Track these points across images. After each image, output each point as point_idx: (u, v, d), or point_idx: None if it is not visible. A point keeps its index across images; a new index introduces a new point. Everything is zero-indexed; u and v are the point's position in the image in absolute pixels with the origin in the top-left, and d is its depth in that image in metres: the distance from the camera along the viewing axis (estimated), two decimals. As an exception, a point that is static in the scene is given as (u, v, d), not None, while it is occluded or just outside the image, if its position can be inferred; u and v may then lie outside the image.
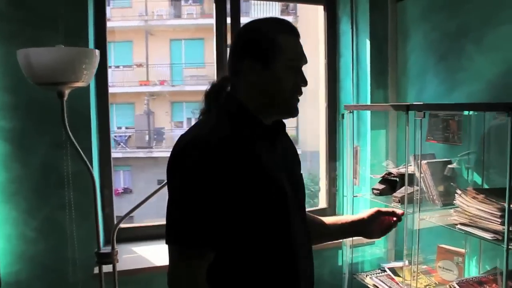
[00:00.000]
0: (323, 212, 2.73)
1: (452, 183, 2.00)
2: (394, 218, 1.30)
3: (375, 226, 1.31)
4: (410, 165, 2.21)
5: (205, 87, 1.23)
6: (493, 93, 1.89)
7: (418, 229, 1.89)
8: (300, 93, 1.16)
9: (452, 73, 2.11)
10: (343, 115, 2.41)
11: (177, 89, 11.21)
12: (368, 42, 2.45)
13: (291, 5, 10.81)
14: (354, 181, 2.51)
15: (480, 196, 1.61)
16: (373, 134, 2.49)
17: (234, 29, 2.40)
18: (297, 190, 1.21)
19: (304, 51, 1.16)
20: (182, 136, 1.11)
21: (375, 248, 2.57)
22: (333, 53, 2.70)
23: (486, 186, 1.89)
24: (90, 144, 2.03)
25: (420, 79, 2.32)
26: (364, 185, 2.50)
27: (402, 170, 2.21)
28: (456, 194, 1.71)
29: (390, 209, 1.32)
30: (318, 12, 2.78)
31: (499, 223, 1.50)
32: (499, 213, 1.50)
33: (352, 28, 2.53)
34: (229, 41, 2.41)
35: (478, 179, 1.97)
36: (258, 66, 1.12)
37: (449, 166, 2.05)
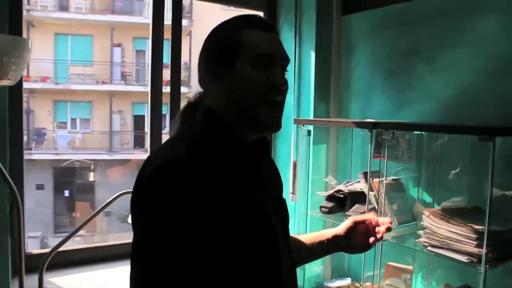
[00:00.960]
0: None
1: (403, 202, 1.99)
2: (382, 229, 1.17)
3: (355, 239, 1.20)
4: (358, 182, 2.18)
5: (92, 87, 1.02)
6: (446, 114, 1.93)
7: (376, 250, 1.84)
8: (277, 98, 0.97)
9: (401, 91, 2.12)
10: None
11: (61, 87, 10.27)
12: (313, 54, 2.37)
13: (187, 7, 10.61)
14: (291, 197, 2.41)
15: (451, 219, 1.60)
16: (315, 149, 2.42)
17: (175, 28, 2.15)
18: (284, 218, 1.08)
19: (283, 49, 1.01)
20: (150, 158, 0.92)
21: (313, 265, 2.50)
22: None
23: (436, 206, 1.91)
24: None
25: (365, 95, 2.30)
26: (303, 201, 2.41)
27: (351, 187, 2.16)
28: (423, 215, 1.68)
29: (363, 217, 1.21)
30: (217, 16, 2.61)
31: (474, 245, 1.49)
32: (475, 236, 1.49)
33: (295, 37, 2.44)
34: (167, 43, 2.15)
35: (428, 198, 1.99)
36: (224, 69, 0.96)
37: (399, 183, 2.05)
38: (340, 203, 2.14)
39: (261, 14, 2.56)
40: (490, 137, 1.41)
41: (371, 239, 1.17)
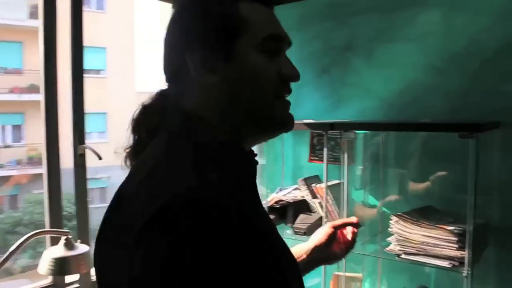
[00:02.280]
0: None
1: (349, 206, 1.86)
2: (354, 230, 1.11)
3: (335, 245, 1.10)
4: (296, 189, 1.99)
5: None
6: (389, 111, 1.85)
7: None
8: (288, 93, 0.77)
9: (336, 88, 1.99)
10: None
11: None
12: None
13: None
14: None
15: (418, 221, 1.50)
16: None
17: (75, 24, 1.68)
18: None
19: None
20: (149, 194, 0.60)
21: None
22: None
23: (384, 209, 1.82)
24: None
25: (295, 92, 2.12)
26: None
27: (289, 196, 1.96)
28: (390, 221, 1.55)
29: (343, 221, 1.13)
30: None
31: (455, 248, 1.40)
32: (455, 238, 1.40)
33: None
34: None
35: (373, 201, 1.89)
36: (220, 57, 0.70)
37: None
38: (281, 214, 1.92)
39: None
40: (470, 134, 1.33)
41: (349, 237, 1.10)
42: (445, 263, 1.41)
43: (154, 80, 1.50)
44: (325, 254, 1.07)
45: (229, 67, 0.70)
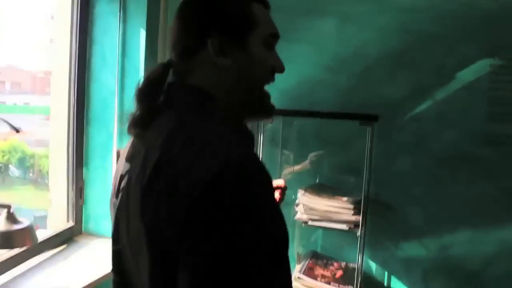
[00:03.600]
0: (71, 231, 2.16)
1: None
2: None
3: None
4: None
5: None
6: (286, 102, 2.12)
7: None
8: (273, 80, 0.92)
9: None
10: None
11: None
12: (143, 33, 2.14)
13: None
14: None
15: (319, 194, 1.79)
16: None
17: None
18: None
19: None
20: (205, 158, 0.67)
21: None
22: (83, 37, 2.18)
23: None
24: None
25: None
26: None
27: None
28: (299, 194, 1.82)
29: (278, 184, 1.24)
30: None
31: (352, 213, 1.72)
32: (352, 206, 1.73)
33: (120, 12, 2.14)
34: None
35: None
36: (232, 44, 0.83)
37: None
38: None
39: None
40: (369, 122, 1.68)
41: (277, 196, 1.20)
42: (343, 226, 1.72)
43: None
44: None
45: (240, 54, 0.82)
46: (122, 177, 0.84)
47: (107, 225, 2.13)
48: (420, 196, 2.02)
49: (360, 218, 1.70)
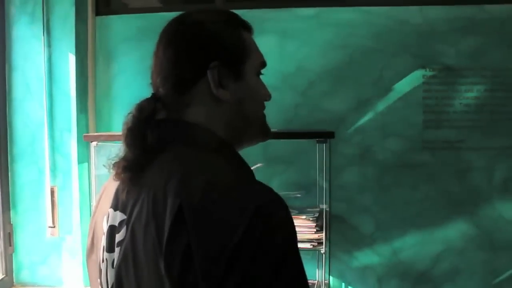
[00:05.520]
0: (0, 285, 1.94)
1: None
2: None
3: None
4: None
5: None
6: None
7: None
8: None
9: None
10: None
11: None
12: (72, 57, 1.98)
13: None
14: (51, 231, 1.95)
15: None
16: (79, 169, 2.03)
17: None
18: None
19: None
20: (235, 197, 0.66)
21: None
22: (0, 63, 1.97)
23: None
24: None
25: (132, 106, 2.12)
26: (69, 233, 1.98)
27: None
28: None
29: None
30: None
31: (314, 232, 1.72)
32: (313, 224, 1.73)
33: (43, 35, 1.96)
34: None
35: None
36: (229, 75, 0.79)
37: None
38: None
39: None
40: (325, 140, 1.70)
41: None
42: (307, 245, 1.71)
43: None
44: None
45: (237, 85, 0.78)
46: (114, 228, 0.75)
47: (43, 274, 1.92)
48: (369, 205, 2.08)
49: (323, 235, 1.70)
